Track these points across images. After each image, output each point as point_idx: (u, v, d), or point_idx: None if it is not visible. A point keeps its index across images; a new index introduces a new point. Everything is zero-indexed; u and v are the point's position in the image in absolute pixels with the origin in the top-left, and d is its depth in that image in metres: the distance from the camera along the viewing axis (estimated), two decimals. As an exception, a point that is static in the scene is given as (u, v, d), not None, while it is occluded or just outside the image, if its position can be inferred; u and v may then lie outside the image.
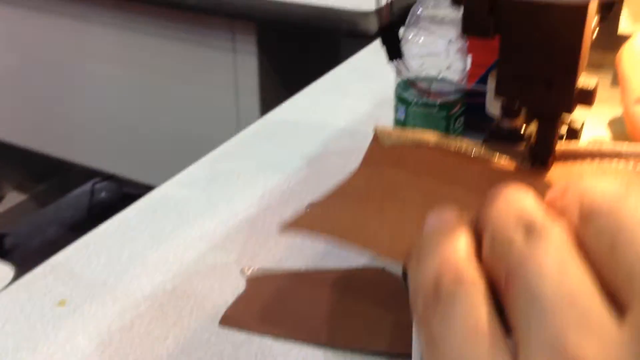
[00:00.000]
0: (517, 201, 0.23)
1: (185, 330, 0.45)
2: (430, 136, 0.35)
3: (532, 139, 0.31)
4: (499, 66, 0.30)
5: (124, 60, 1.54)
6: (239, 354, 0.43)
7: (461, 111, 0.57)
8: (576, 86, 0.28)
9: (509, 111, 0.31)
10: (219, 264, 0.51)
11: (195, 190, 0.61)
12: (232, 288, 0.48)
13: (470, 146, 0.34)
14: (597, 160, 0.31)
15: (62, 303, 0.48)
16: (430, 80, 0.57)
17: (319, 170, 0.63)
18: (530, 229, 0.21)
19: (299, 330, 0.44)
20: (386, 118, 0.72)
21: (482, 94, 0.41)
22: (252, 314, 0.45)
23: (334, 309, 0.45)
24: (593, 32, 0.29)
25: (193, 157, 0.67)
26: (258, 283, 0.48)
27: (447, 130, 0.57)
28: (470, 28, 0.28)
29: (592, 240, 0.21)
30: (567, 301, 0.19)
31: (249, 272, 0.49)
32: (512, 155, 0.33)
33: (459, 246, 0.23)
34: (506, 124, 0.31)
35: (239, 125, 1.43)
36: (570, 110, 0.29)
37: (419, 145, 0.35)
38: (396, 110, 0.58)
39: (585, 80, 0.29)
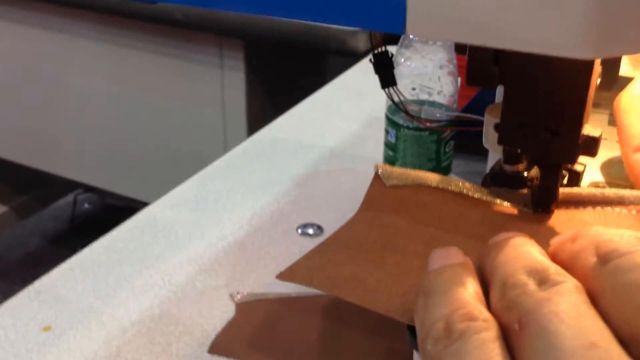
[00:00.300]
0: (526, 252, 0.23)
1: (174, 357, 0.44)
2: (431, 177, 0.35)
3: (535, 185, 0.31)
4: (502, 114, 0.29)
5: (109, 74, 1.53)
6: (229, 382, 0.42)
7: (452, 135, 0.57)
8: (580, 136, 0.28)
9: (511, 156, 0.31)
10: (207, 288, 0.50)
11: (183, 211, 0.60)
12: (221, 313, 0.47)
13: (472, 189, 0.34)
14: (599, 207, 0.31)
15: (47, 329, 0.47)
16: (422, 103, 0.57)
17: (308, 191, 0.63)
18: (544, 278, 0.21)
19: (290, 358, 0.43)
20: (375, 139, 0.72)
21: (474, 123, 0.40)
22: (242, 341, 0.45)
23: (325, 336, 0.45)
24: (597, 79, 0.29)
25: (179, 172, 0.66)
26: (248, 309, 0.47)
27: (438, 153, 0.57)
28: (475, 77, 0.28)
29: (609, 281, 0.21)
30: (586, 346, 0.19)
31: (238, 297, 0.49)
32: (514, 200, 0.33)
33: (468, 286, 0.23)
34: (508, 168, 0.31)
35: (226, 140, 1.42)
36: (573, 160, 0.29)
37: (420, 187, 0.35)
38: (387, 132, 0.58)
39: (589, 130, 0.29)
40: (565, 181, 0.32)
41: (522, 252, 0.23)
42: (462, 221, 0.33)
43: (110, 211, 1.97)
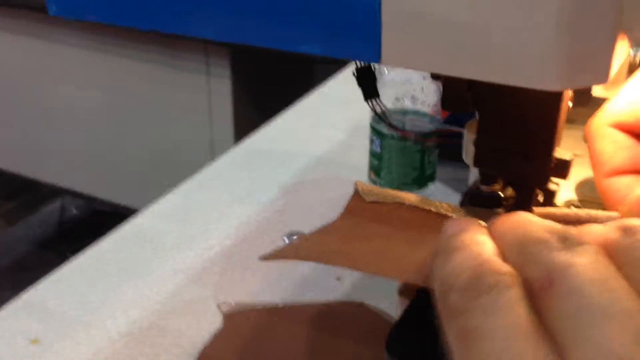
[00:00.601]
0: (536, 219, 0.23)
1: (162, 369, 0.44)
2: (411, 197, 0.36)
3: (510, 204, 0.32)
4: (477, 139, 0.30)
5: (96, 81, 1.53)
6: (217, 393, 0.42)
7: (436, 144, 0.58)
8: (552, 159, 0.29)
9: (487, 177, 0.32)
10: (195, 299, 0.50)
11: (170, 221, 0.60)
12: (209, 324, 0.48)
13: (450, 210, 0.35)
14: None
15: (35, 341, 0.47)
16: (405, 113, 0.58)
17: (295, 200, 0.63)
18: (566, 237, 0.21)
19: (277, 369, 0.44)
20: (361, 147, 0.72)
21: (456, 135, 0.41)
22: (230, 353, 0.45)
23: (312, 346, 0.45)
24: (567, 102, 0.30)
25: (165, 178, 0.66)
26: (235, 319, 0.48)
27: (422, 162, 0.58)
28: (450, 103, 0.29)
29: (632, 254, 0.21)
30: (622, 312, 0.19)
31: (225, 308, 0.49)
32: (491, 219, 0.33)
33: (489, 245, 0.23)
34: (484, 188, 0.32)
35: (213, 148, 1.43)
36: (545, 183, 0.30)
37: (401, 205, 0.36)
38: (372, 142, 0.59)
39: (561, 153, 0.30)
40: (541, 199, 0.33)
41: (532, 218, 0.24)
42: None
43: (97, 216, 1.97)
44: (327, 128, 0.78)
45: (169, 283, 0.52)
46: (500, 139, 0.30)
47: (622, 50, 0.23)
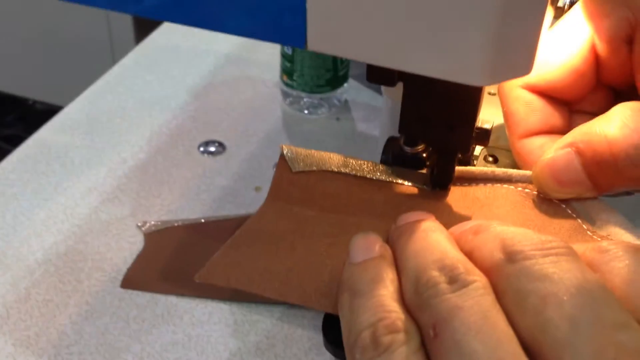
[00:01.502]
0: (435, 241, 0.25)
1: (87, 295, 0.44)
2: (334, 159, 0.36)
3: (433, 165, 0.33)
4: (402, 109, 0.30)
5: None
6: (145, 315, 0.43)
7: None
8: (474, 129, 0.30)
9: (410, 141, 0.32)
10: (113, 219, 0.49)
11: (76, 135, 0.58)
12: (130, 245, 0.47)
13: (372, 170, 0.35)
14: (490, 184, 0.33)
15: (-54, 275, 0.45)
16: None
17: (207, 103, 0.62)
18: (454, 277, 0.23)
19: (203, 286, 0.44)
20: (272, 47, 0.70)
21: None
22: (154, 273, 0.45)
23: (235, 261, 0.46)
24: None
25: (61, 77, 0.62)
26: (157, 239, 0.48)
27: (335, 63, 0.57)
28: (375, 76, 0.28)
29: (513, 283, 0.23)
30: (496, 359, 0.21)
31: (146, 227, 0.49)
32: (414, 179, 0.34)
33: (389, 285, 0.25)
34: (408, 149, 0.32)
35: (112, 46, 1.35)
36: (468, 150, 0.31)
37: (325, 174, 0.36)
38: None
39: (482, 122, 0.31)
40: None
41: (432, 241, 0.25)
42: (368, 204, 0.34)
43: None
44: (233, 21, 0.75)
45: (82, 203, 0.51)
46: (424, 110, 0.30)
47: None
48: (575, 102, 0.34)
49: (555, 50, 0.33)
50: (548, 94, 0.33)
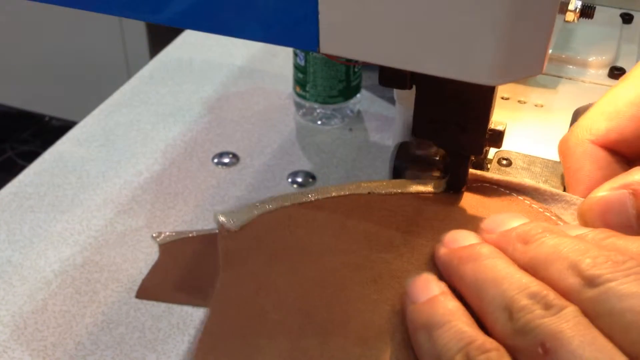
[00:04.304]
0: (504, 270, 0.26)
1: (103, 305, 0.44)
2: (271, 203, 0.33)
3: (442, 164, 0.33)
4: (415, 112, 0.31)
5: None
6: (161, 325, 0.43)
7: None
8: (487, 131, 0.30)
9: (423, 143, 0.32)
10: (128, 230, 0.50)
11: (92, 147, 0.58)
12: (146, 256, 0.48)
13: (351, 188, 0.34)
14: (502, 191, 0.33)
15: (-35, 287, 0.46)
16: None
17: (221, 115, 0.62)
18: (548, 303, 0.24)
19: (218, 295, 0.44)
20: (283, 54, 0.71)
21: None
22: (168, 284, 0.45)
23: (250, 271, 0.46)
24: None
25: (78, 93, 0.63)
26: (171, 249, 0.48)
27: (347, 74, 0.57)
28: (388, 79, 0.28)
29: (604, 306, 0.23)
30: None
31: (160, 238, 0.49)
32: (425, 181, 0.34)
33: (463, 316, 0.25)
34: (419, 151, 0.32)
35: (128, 62, 1.36)
36: (480, 152, 0.31)
37: (268, 218, 0.33)
38: (296, 55, 0.58)
39: (495, 124, 0.31)
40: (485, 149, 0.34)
41: (501, 269, 0.26)
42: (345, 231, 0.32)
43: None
44: (246, 34, 0.75)
45: (99, 215, 0.51)
46: (437, 112, 0.30)
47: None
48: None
49: (627, 100, 0.32)
50: (616, 148, 0.32)
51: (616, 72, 0.41)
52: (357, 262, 0.31)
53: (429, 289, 0.27)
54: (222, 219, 0.34)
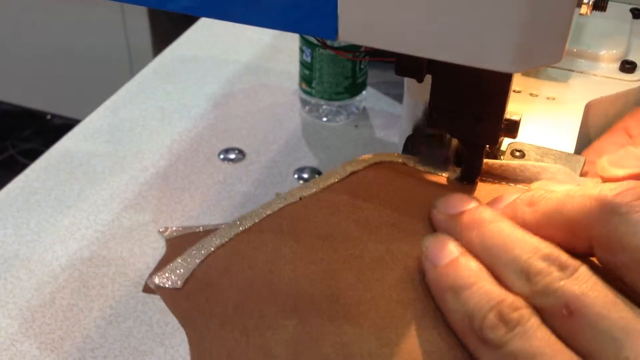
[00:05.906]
0: (513, 233, 0.27)
1: (110, 299, 0.44)
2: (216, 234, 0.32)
3: (455, 151, 0.33)
4: (430, 102, 0.31)
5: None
6: (168, 319, 0.43)
7: (366, 52, 0.57)
8: (503, 121, 0.30)
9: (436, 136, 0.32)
10: (135, 225, 0.50)
11: (98, 143, 0.58)
12: (153, 250, 0.48)
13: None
14: (522, 185, 0.33)
15: (-28, 281, 0.46)
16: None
17: (227, 111, 0.62)
18: (562, 264, 0.25)
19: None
20: (289, 51, 0.71)
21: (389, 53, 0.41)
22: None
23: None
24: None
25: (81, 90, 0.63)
26: (178, 244, 0.48)
27: (354, 70, 0.57)
28: (404, 68, 0.29)
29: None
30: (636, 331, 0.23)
31: (167, 233, 0.49)
32: (435, 162, 0.34)
33: (488, 276, 0.26)
34: (430, 131, 0.33)
35: (131, 60, 1.36)
36: (496, 142, 0.31)
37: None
38: (302, 51, 0.58)
39: (510, 114, 0.31)
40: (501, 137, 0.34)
41: (509, 232, 0.27)
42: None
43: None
44: (251, 30, 0.75)
45: (105, 210, 0.51)
46: (452, 102, 0.30)
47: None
48: None
49: None
50: None
51: (627, 66, 0.41)
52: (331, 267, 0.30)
53: (449, 251, 0.27)
54: (157, 281, 0.32)
